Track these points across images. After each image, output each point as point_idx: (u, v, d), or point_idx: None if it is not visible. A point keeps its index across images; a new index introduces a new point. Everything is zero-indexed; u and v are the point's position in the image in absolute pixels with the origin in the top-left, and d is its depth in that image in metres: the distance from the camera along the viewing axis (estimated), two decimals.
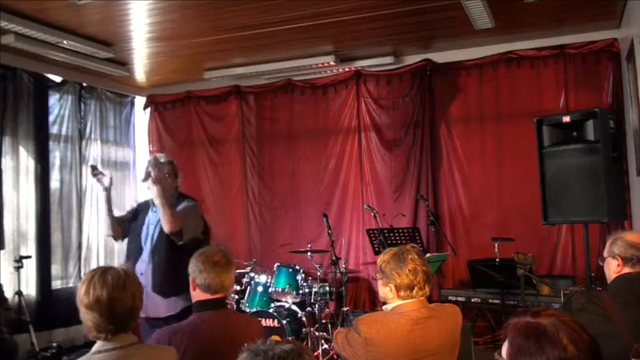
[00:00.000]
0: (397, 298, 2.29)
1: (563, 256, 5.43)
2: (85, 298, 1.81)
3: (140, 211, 3.62)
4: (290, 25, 4.95)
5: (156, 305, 3.32)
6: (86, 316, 1.82)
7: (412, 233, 5.14)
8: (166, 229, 3.27)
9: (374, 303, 6.08)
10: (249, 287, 5.45)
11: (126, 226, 3.59)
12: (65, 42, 5.03)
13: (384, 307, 2.37)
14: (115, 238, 3.61)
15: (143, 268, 3.40)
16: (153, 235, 3.44)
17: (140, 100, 7.22)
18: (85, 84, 6.31)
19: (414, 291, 2.25)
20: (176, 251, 3.30)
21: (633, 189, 4.87)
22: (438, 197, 5.98)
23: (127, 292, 1.83)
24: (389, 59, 6.00)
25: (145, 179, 3.36)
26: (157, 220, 3.42)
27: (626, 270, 2.41)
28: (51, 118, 5.93)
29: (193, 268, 2.36)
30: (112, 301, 1.79)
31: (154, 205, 3.49)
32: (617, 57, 5.22)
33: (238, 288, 5.47)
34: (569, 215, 4.15)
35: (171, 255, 3.35)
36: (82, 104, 6.30)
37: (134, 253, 3.49)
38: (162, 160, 3.52)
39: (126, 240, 3.64)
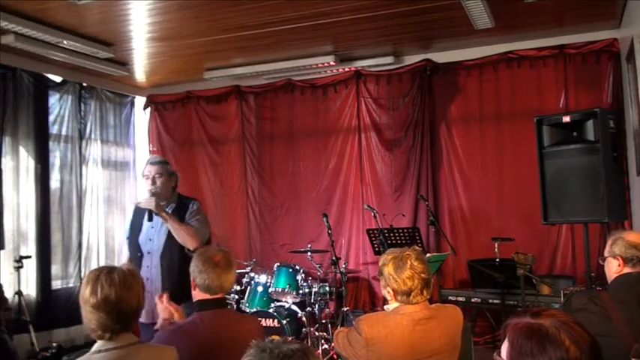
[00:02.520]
0: (395, 302, 2.29)
1: (563, 256, 5.43)
2: (92, 298, 1.80)
3: (135, 214, 3.56)
4: (290, 25, 4.94)
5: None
6: (91, 315, 1.81)
7: (412, 233, 5.14)
8: (189, 246, 3.29)
9: (374, 303, 6.08)
10: (249, 287, 5.45)
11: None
12: (65, 42, 5.03)
13: (385, 308, 2.37)
14: None
15: (149, 273, 3.37)
16: (158, 239, 3.41)
17: (140, 100, 7.22)
18: (85, 84, 6.31)
19: (411, 296, 2.25)
20: (185, 256, 3.30)
21: (633, 189, 4.87)
22: (438, 197, 5.98)
23: (132, 291, 1.84)
24: (389, 59, 6.00)
25: (150, 217, 3.35)
26: (161, 224, 3.40)
27: (627, 270, 2.41)
28: (51, 118, 5.93)
29: (194, 267, 2.36)
30: (119, 300, 1.80)
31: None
32: (617, 57, 5.22)
33: (238, 288, 5.47)
34: (569, 215, 4.15)
35: (181, 260, 3.32)
36: (82, 104, 6.30)
37: (135, 257, 3.46)
38: (154, 160, 3.51)
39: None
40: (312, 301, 5.25)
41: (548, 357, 1.20)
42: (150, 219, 3.39)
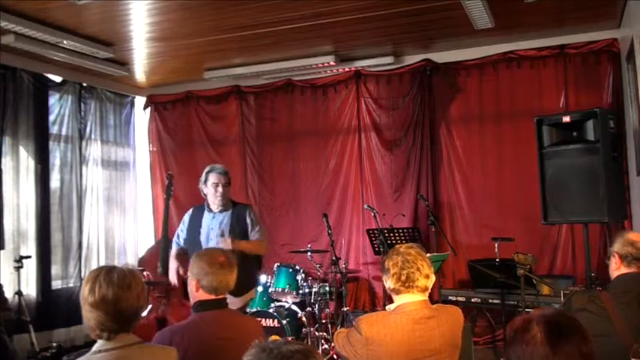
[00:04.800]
0: (391, 293, 2.34)
1: (563, 256, 5.43)
2: (90, 297, 1.80)
3: (194, 216, 4.05)
4: (290, 25, 4.95)
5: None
6: (90, 314, 1.81)
7: (412, 233, 5.14)
8: (261, 254, 3.94)
9: (374, 303, 6.08)
10: None
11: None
12: (65, 42, 5.03)
13: (386, 307, 2.38)
14: None
15: None
16: (215, 238, 3.84)
17: (140, 100, 7.22)
18: (85, 84, 6.31)
19: (397, 285, 2.28)
20: (245, 256, 3.76)
21: (633, 189, 4.87)
22: (438, 197, 5.98)
23: (132, 291, 1.83)
24: (389, 59, 6.00)
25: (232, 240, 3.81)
26: (219, 224, 3.88)
27: (624, 269, 2.42)
28: (51, 118, 5.93)
29: (198, 270, 2.35)
30: (117, 300, 1.79)
31: (209, 210, 3.95)
32: (617, 57, 5.22)
33: None
34: (569, 215, 4.15)
35: (240, 260, 3.70)
36: (82, 104, 6.30)
37: None
38: (222, 170, 4.00)
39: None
40: (312, 301, 5.25)
41: (521, 348, 1.28)
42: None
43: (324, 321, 5.32)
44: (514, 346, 1.30)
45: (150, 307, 4.65)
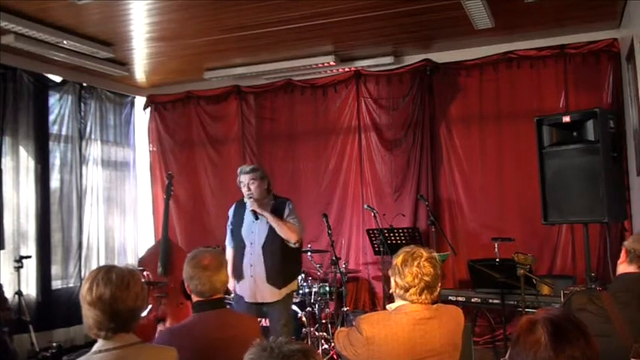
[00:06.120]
0: (397, 296, 2.31)
1: (563, 256, 5.43)
2: (87, 296, 1.80)
3: (236, 210, 4.13)
4: (290, 25, 4.95)
5: (263, 293, 3.87)
6: (88, 313, 1.81)
7: (412, 233, 5.14)
8: (291, 240, 3.88)
9: (374, 303, 6.08)
10: None
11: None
12: (65, 42, 5.03)
13: (387, 307, 2.38)
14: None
15: (252, 260, 3.90)
16: (259, 232, 3.92)
17: (140, 100, 7.22)
18: (85, 84, 6.31)
19: (408, 294, 2.25)
20: (286, 246, 3.90)
21: (633, 189, 4.87)
22: (438, 197, 5.98)
23: (130, 291, 1.83)
24: (389, 59, 6.00)
25: (256, 217, 3.90)
26: (261, 220, 3.92)
27: (626, 265, 2.43)
28: (51, 118, 5.93)
29: (185, 274, 2.35)
30: (114, 299, 1.79)
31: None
32: (617, 57, 5.22)
33: None
34: (569, 215, 4.15)
35: (282, 250, 3.90)
36: (82, 104, 6.30)
37: (239, 247, 4.00)
38: (246, 170, 4.00)
39: None
40: (312, 301, 5.25)
41: (523, 347, 1.29)
42: (256, 218, 3.91)
43: (324, 321, 5.32)
44: (518, 348, 1.29)
45: (150, 307, 4.66)
